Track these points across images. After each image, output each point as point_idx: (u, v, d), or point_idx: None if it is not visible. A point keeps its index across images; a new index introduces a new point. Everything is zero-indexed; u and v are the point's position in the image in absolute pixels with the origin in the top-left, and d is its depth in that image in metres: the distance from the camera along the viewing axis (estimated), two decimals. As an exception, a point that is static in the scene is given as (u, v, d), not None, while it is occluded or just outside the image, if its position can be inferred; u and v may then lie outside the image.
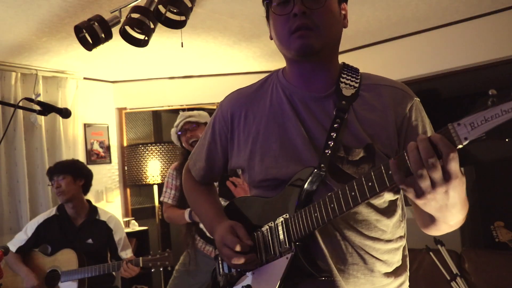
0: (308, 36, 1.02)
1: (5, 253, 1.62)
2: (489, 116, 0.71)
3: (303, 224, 1.00)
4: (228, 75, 4.31)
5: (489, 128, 0.71)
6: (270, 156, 1.09)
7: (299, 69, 1.11)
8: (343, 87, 1.08)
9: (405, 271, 1.12)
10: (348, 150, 1.02)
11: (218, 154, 1.24)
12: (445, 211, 0.83)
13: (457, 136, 0.74)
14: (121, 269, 2.49)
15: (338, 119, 1.03)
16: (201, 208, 1.30)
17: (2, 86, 3.42)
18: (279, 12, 1.06)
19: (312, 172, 1.01)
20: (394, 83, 1.11)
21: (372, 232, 1.04)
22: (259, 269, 1.09)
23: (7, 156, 3.43)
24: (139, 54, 3.42)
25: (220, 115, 1.22)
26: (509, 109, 0.69)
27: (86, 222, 2.68)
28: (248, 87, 1.23)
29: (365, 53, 3.80)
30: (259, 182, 1.12)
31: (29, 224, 2.73)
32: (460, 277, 2.73)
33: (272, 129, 1.11)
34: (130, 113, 4.51)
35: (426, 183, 0.77)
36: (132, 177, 4.11)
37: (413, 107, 1.06)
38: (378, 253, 1.05)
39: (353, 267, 1.03)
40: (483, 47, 3.28)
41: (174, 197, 2.78)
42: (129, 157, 4.15)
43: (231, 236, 1.09)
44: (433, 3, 2.97)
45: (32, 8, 2.51)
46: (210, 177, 1.33)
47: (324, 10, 1.03)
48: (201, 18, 2.88)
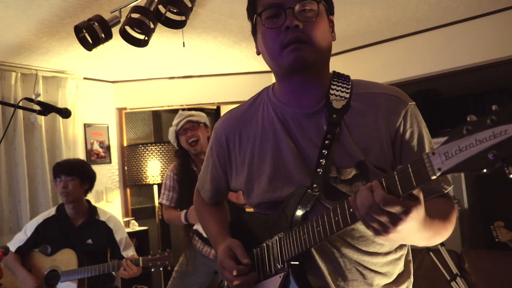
0: (302, 50, 1.00)
1: (5, 253, 1.62)
2: (463, 146, 0.68)
3: (295, 244, 1.01)
4: (228, 75, 4.31)
5: (463, 159, 0.68)
6: (265, 179, 1.10)
7: (289, 84, 1.08)
8: (333, 99, 1.05)
9: (408, 278, 1.12)
10: (340, 169, 1.01)
11: (221, 177, 1.25)
12: (407, 240, 0.85)
13: (431, 167, 0.73)
14: (120, 269, 2.48)
15: (329, 134, 1.02)
16: (208, 226, 1.32)
17: (2, 86, 3.42)
18: (270, 25, 1.03)
19: (304, 193, 1.02)
20: (386, 90, 1.07)
21: (369, 247, 1.04)
22: (257, 286, 1.12)
23: (7, 156, 3.43)
24: (139, 54, 3.42)
25: (215, 140, 1.23)
26: (483, 139, 0.66)
27: (86, 223, 2.67)
28: (239, 108, 1.23)
29: (365, 53, 3.80)
30: (257, 205, 1.15)
31: (28, 224, 2.73)
32: (460, 277, 2.73)
33: (265, 150, 1.11)
34: (130, 113, 4.51)
35: (376, 224, 0.80)
36: (132, 177, 4.11)
37: (408, 113, 1.03)
38: (377, 267, 1.05)
39: (352, 283, 1.03)
40: (483, 47, 3.28)
41: (172, 199, 2.77)
42: (129, 157, 4.15)
43: (228, 260, 1.11)
44: (433, 3, 2.97)
45: (32, 8, 2.51)
46: (217, 197, 1.34)
47: (316, 23, 1.01)
48: (201, 18, 2.88)
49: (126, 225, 4.10)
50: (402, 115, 1.03)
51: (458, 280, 2.71)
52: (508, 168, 0.64)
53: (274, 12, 1.02)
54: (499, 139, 0.64)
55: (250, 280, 1.09)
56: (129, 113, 4.49)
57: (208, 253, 2.67)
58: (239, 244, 1.14)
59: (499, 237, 2.71)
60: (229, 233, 1.24)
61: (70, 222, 2.67)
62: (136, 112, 4.55)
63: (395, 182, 0.78)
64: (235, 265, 1.09)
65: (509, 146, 0.63)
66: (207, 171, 1.29)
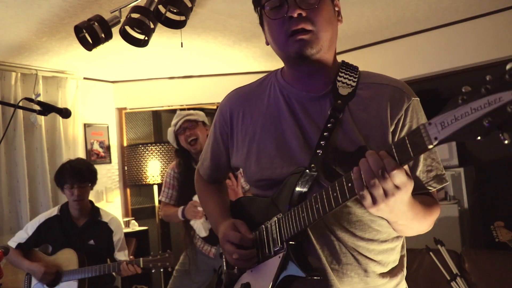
0: (306, 38, 1.01)
1: (5, 253, 1.62)
2: (459, 114, 0.70)
3: (293, 224, 1.02)
4: (228, 75, 4.31)
5: (459, 127, 0.70)
6: (266, 156, 1.11)
7: (297, 71, 1.10)
8: (339, 86, 1.07)
9: (401, 271, 1.13)
10: (340, 153, 1.02)
11: (222, 153, 1.26)
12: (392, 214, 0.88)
13: (427, 137, 0.75)
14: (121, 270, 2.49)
15: (333, 118, 1.03)
16: (209, 207, 1.34)
17: (2, 86, 3.42)
18: (274, 16, 1.05)
19: (302, 173, 1.03)
20: (393, 82, 1.09)
21: (366, 233, 1.05)
22: (256, 267, 1.12)
23: (7, 156, 3.43)
24: (139, 54, 3.42)
25: (220, 115, 1.24)
26: (478, 107, 0.67)
27: (88, 223, 2.68)
28: (246, 86, 1.24)
29: (365, 53, 3.80)
30: (255, 182, 1.15)
31: (29, 224, 2.73)
32: (460, 277, 2.73)
33: (268, 129, 1.12)
34: (130, 113, 4.51)
35: (379, 192, 0.82)
36: (132, 177, 4.11)
37: (410, 107, 1.05)
38: (372, 254, 1.06)
39: (347, 267, 1.04)
40: (483, 47, 3.28)
41: (172, 196, 2.78)
42: (129, 157, 4.15)
43: (233, 232, 1.13)
44: (433, 3, 2.97)
45: (32, 8, 2.51)
46: (216, 175, 1.35)
47: (319, 9, 1.02)
48: (201, 18, 2.88)
49: (126, 225, 4.10)
50: (404, 109, 1.04)
51: (458, 280, 2.71)
52: (503, 135, 0.66)
53: (277, 3, 1.04)
54: (494, 106, 0.65)
55: (250, 255, 1.10)
56: (129, 113, 4.49)
57: (208, 252, 2.68)
58: (243, 223, 1.15)
59: (499, 237, 2.71)
60: (230, 215, 1.25)
61: (73, 222, 2.68)
62: (136, 112, 4.55)
63: (392, 153, 0.82)
64: (240, 235, 1.11)
65: (504, 112, 0.64)
66: (208, 148, 1.31)
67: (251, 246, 1.11)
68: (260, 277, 1.09)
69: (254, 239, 1.12)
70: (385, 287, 1.08)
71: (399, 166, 0.80)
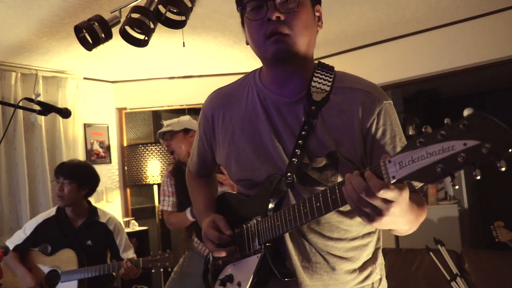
0: (283, 41, 1.04)
1: (5, 253, 1.62)
2: (416, 157, 0.73)
3: (270, 229, 1.09)
4: (228, 75, 4.31)
5: (414, 169, 0.73)
6: (244, 158, 1.16)
7: (274, 72, 1.14)
8: (314, 92, 1.10)
9: (373, 263, 1.17)
10: (312, 157, 1.07)
11: (206, 151, 1.32)
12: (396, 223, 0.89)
13: (386, 174, 0.78)
14: (121, 270, 2.48)
15: (307, 125, 1.07)
16: (195, 201, 1.42)
17: (2, 86, 3.42)
18: (253, 17, 1.07)
19: (279, 180, 1.10)
20: (366, 87, 1.11)
21: (334, 233, 1.11)
22: (239, 262, 1.21)
23: (7, 156, 3.43)
24: (139, 54, 3.42)
25: (202, 115, 1.30)
26: (433, 152, 0.70)
27: (85, 224, 2.66)
28: (227, 87, 1.29)
29: (365, 53, 3.80)
30: (237, 181, 1.23)
31: (28, 224, 2.72)
32: (460, 277, 2.73)
33: (246, 131, 1.17)
34: (130, 113, 4.51)
35: (369, 210, 0.83)
36: (132, 177, 4.11)
37: (382, 111, 1.07)
38: (341, 252, 1.12)
39: (316, 265, 1.11)
40: (483, 47, 3.28)
41: (173, 204, 2.75)
42: (129, 157, 4.15)
43: (212, 231, 1.19)
44: (433, 3, 2.97)
45: (32, 8, 2.51)
46: (204, 170, 1.42)
47: (298, 14, 1.04)
48: (201, 18, 2.88)
49: (126, 225, 4.10)
50: (376, 113, 1.07)
51: (458, 280, 2.71)
52: (453, 181, 0.70)
53: (257, 4, 1.06)
54: (447, 154, 0.69)
55: (229, 252, 1.17)
56: (129, 113, 4.49)
57: (203, 251, 2.67)
58: (222, 218, 1.22)
59: (499, 237, 2.71)
60: (214, 210, 1.32)
61: (69, 223, 2.67)
62: (136, 112, 4.55)
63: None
64: (218, 234, 1.18)
65: (455, 161, 0.68)
66: (195, 145, 1.37)
67: (230, 242, 1.18)
68: (242, 272, 1.18)
69: (232, 236, 1.18)
70: (354, 282, 1.14)
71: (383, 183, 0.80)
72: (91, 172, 2.74)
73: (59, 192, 2.59)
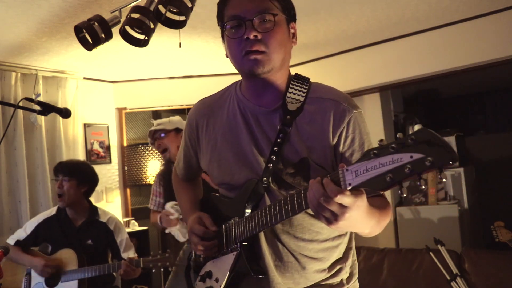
0: (260, 58, 1.13)
1: (5, 253, 1.62)
2: (370, 166, 0.80)
3: (245, 229, 1.18)
4: (228, 75, 4.30)
5: (367, 178, 0.81)
6: (225, 163, 1.25)
7: (252, 84, 1.23)
8: (289, 102, 1.19)
9: (344, 263, 1.25)
10: (286, 163, 1.16)
11: (192, 156, 1.41)
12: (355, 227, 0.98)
13: (343, 181, 0.86)
14: (120, 270, 2.48)
15: (282, 133, 1.16)
16: (181, 202, 1.51)
17: (2, 86, 3.42)
18: (233, 35, 1.16)
19: (256, 184, 1.18)
20: (337, 97, 1.19)
21: (305, 234, 1.19)
22: (217, 259, 1.30)
23: (7, 156, 3.43)
24: (139, 54, 3.42)
25: (188, 123, 1.39)
26: (384, 163, 0.78)
27: (86, 223, 2.66)
28: (210, 97, 1.38)
29: (365, 53, 3.80)
30: (219, 184, 1.32)
31: (28, 223, 2.73)
32: (460, 277, 2.74)
33: (227, 139, 1.26)
34: (130, 113, 4.51)
35: (327, 214, 0.90)
36: (132, 177, 4.11)
37: (351, 120, 1.15)
38: (312, 252, 1.20)
39: (288, 264, 1.19)
40: (483, 47, 3.28)
41: (159, 204, 2.78)
42: (129, 157, 4.15)
43: (198, 226, 1.28)
44: (433, 3, 2.97)
45: (32, 8, 2.51)
46: (190, 174, 1.50)
47: (273, 33, 1.14)
48: (201, 18, 2.88)
49: (126, 225, 4.10)
50: (346, 122, 1.15)
51: (458, 280, 2.71)
52: (401, 189, 0.80)
53: (236, 23, 1.15)
54: (395, 165, 0.77)
55: (212, 246, 1.26)
56: (129, 113, 4.49)
57: None
58: (208, 216, 1.31)
59: (499, 237, 2.71)
60: (199, 209, 1.41)
61: (70, 222, 2.67)
62: (136, 112, 4.55)
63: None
64: (204, 229, 1.27)
65: (402, 172, 0.76)
66: (181, 151, 1.45)
67: (214, 238, 1.27)
68: (219, 268, 1.27)
69: (216, 231, 1.27)
70: (324, 280, 1.22)
71: (339, 189, 0.86)
72: (90, 170, 2.76)
73: (59, 190, 2.60)
